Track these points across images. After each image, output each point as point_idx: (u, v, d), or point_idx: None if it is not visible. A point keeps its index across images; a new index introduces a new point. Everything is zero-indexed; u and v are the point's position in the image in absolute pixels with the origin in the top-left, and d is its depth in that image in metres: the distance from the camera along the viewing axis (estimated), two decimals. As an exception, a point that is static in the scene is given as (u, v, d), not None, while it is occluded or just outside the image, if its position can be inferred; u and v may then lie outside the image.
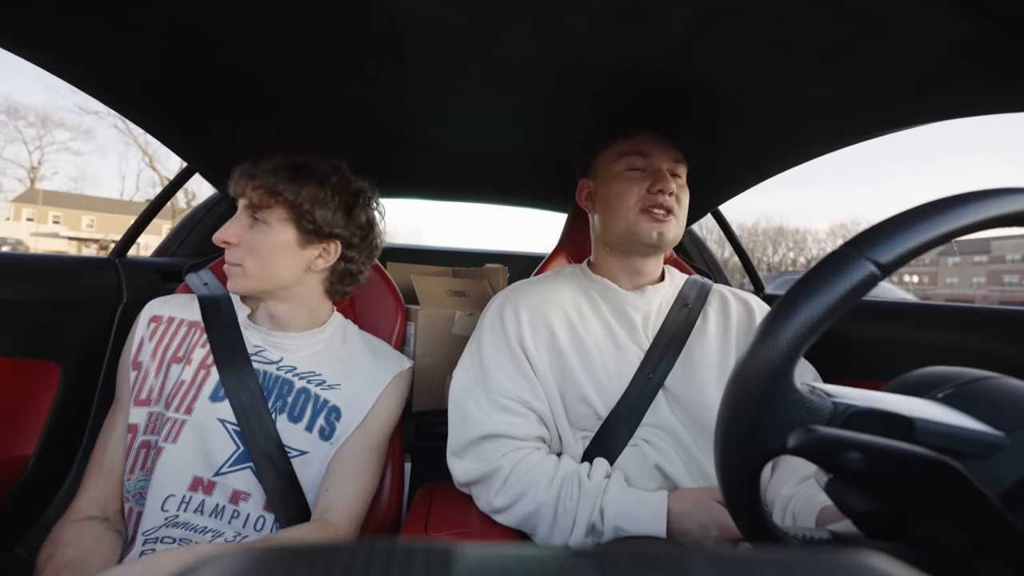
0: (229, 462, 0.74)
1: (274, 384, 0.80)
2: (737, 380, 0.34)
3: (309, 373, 0.83)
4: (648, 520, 0.64)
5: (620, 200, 0.81)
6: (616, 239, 0.84)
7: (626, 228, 0.81)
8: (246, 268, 0.78)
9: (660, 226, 0.79)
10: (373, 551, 0.15)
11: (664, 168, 0.81)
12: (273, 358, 0.82)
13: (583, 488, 0.68)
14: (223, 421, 0.75)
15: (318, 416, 0.80)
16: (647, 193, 0.80)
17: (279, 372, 0.81)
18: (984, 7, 0.52)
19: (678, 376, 0.78)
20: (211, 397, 0.76)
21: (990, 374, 0.37)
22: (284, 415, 0.78)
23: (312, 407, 0.80)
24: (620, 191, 0.82)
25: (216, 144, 1.06)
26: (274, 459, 0.75)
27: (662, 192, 0.79)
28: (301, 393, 0.80)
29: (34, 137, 35.95)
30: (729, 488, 0.36)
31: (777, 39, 0.64)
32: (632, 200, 0.80)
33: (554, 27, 0.65)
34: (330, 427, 0.80)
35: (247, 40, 0.71)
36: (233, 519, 0.72)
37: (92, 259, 1.16)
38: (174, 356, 0.79)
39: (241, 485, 0.74)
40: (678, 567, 0.15)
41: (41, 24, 0.66)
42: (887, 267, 0.31)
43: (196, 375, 0.77)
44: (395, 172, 1.35)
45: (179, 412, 0.74)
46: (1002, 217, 0.32)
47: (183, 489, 0.71)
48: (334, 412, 0.81)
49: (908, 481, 0.32)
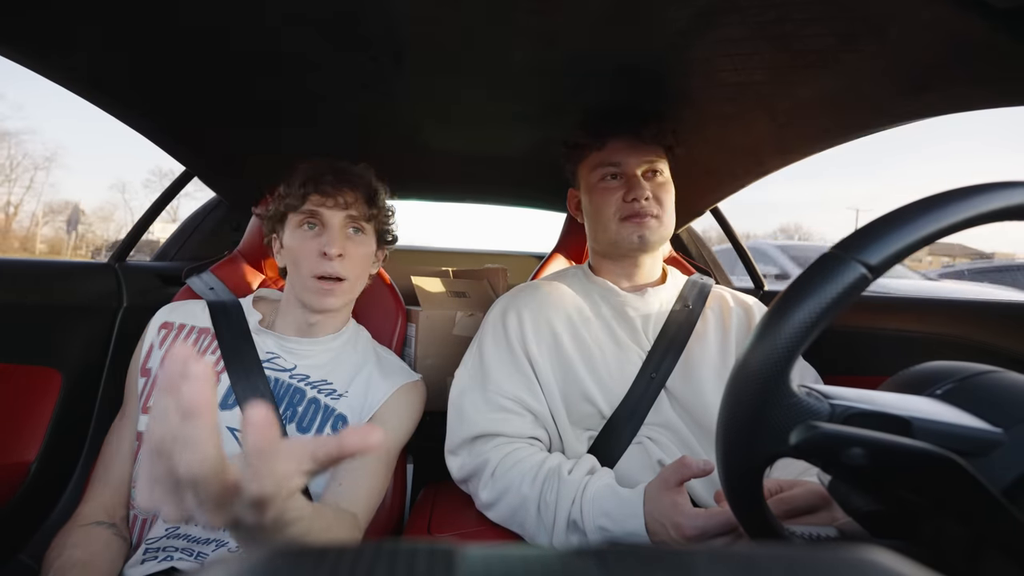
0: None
1: (286, 392, 0.79)
2: (734, 386, 0.34)
3: (321, 382, 0.82)
4: (627, 518, 0.62)
5: (600, 211, 0.84)
6: (604, 246, 0.87)
7: (609, 237, 0.84)
8: (350, 280, 0.80)
9: (641, 230, 0.80)
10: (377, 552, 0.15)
11: (637, 173, 0.82)
12: (287, 366, 0.81)
13: (562, 483, 0.67)
14: (232, 429, 0.74)
15: (326, 425, 0.79)
16: (623, 202, 0.81)
17: (292, 380, 0.80)
18: (983, 2, 0.52)
19: (678, 377, 0.79)
20: (220, 405, 0.75)
21: (990, 368, 0.37)
22: (293, 424, 0.77)
23: (321, 417, 0.79)
24: (599, 202, 0.84)
25: (214, 148, 1.06)
26: None
27: (636, 200, 0.80)
28: (311, 403, 0.79)
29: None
30: (732, 490, 0.36)
31: (775, 36, 0.64)
32: (611, 211, 0.82)
33: (551, 28, 0.65)
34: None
35: (245, 43, 0.71)
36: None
37: (91, 264, 1.16)
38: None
39: None
40: (683, 565, 0.15)
41: (37, 29, 0.66)
42: (877, 268, 0.32)
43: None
44: (393, 173, 1.35)
45: None
46: (990, 213, 0.32)
47: None
48: (341, 420, 0.80)
49: (911, 477, 0.32)
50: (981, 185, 0.33)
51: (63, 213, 25.88)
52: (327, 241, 0.77)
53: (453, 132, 1.06)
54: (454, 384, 0.83)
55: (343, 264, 0.78)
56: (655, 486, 0.62)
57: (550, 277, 0.94)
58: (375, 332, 1.01)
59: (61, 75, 0.76)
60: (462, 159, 1.24)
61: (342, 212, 0.79)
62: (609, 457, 0.75)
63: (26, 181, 22.40)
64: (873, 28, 0.60)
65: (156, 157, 19.98)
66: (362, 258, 0.82)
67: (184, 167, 1.17)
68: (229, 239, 1.38)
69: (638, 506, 0.61)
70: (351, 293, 0.83)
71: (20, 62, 0.71)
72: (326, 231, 0.79)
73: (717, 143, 1.00)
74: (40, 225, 17.81)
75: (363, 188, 0.82)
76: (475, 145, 1.14)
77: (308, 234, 0.79)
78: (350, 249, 0.79)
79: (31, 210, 22.23)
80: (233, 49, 0.73)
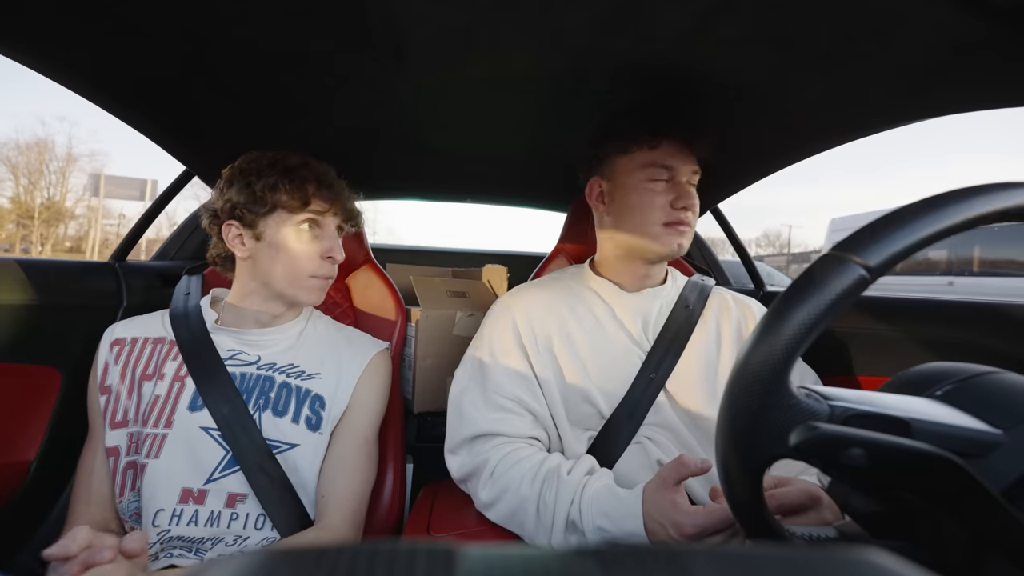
0: (220, 467, 0.73)
1: (255, 384, 0.79)
2: (733, 387, 0.34)
3: (288, 366, 0.83)
4: (626, 518, 0.62)
5: (643, 213, 0.80)
6: (631, 246, 0.83)
7: (647, 241, 0.80)
8: (333, 278, 0.86)
9: (681, 238, 0.79)
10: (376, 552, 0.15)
11: (684, 180, 0.80)
12: (250, 359, 0.82)
13: (561, 483, 0.67)
14: (206, 429, 0.75)
15: (302, 407, 0.80)
16: (671, 208, 0.79)
17: (259, 371, 0.81)
18: (983, 2, 0.52)
19: (678, 377, 0.79)
20: (189, 407, 0.75)
21: (990, 369, 0.37)
22: (268, 411, 0.78)
23: (296, 399, 0.80)
24: (642, 203, 0.80)
25: (214, 147, 1.06)
26: (266, 467, 0.74)
27: (686, 208, 0.78)
28: (283, 388, 0.80)
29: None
30: (732, 491, 0.36)
31: (777, 37, 0.64)
32: (656, 215, 0.79)
33: (553, 27, 0.65)
34: (316, 416, 0.80)
35: (245, 42, 0.71)
36: (232, 522, 0.72)
37: (92, 263, 1.16)
38: (143, 374, 0.78)
39: (237, 487, 0.73)
40: (682, 565, 0.15)
41: (37, 28, 0.66)
42: (876, 270, 0.31)
43: (171, 388, 0.77)
44: (394, 172, 1.36)
45: (158, 427, 0.74)
46: (990, 214, 0.31)
47: (172, 502, 0.70)
48: (318, 401, 0.81)
49: (910, 477, 0.32)
50: (981, 186, 0.33)
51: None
52: (331, 246, 0.83)
53: (453, 132, 1.06)
54: (454, 384, 0.83)
55: (335, 265, 0.85)
56: (653, 486, 0.61)
57: (550, 277, 0.94)
58: (375, 332, 1.01)
59: (61, 74, 0.76)
60: (462, 159, 1.24)
61: (337, 219, 0.85)
62: (608, 457, 0.75)
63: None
64: (873, 28, 0.60)
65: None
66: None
67: (184, 167, 1.17)
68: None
69: (636, 506, 0.61)
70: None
71: (19, 60, 0.70)
72: (324, 235, 0.83)
73: (717, 143, 1.00)
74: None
75: (346, 196, 0.87)
76: (475, 145, 1.14)
77: (307, 235, 0.81)
78: (339, 251, 0.86)
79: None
80: (233, 49, 0.73)
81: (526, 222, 16.40)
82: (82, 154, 26.13)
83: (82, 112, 32.10)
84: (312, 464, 0.78)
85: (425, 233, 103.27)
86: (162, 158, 1.22)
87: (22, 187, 22.49)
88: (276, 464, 0.75)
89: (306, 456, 0.78)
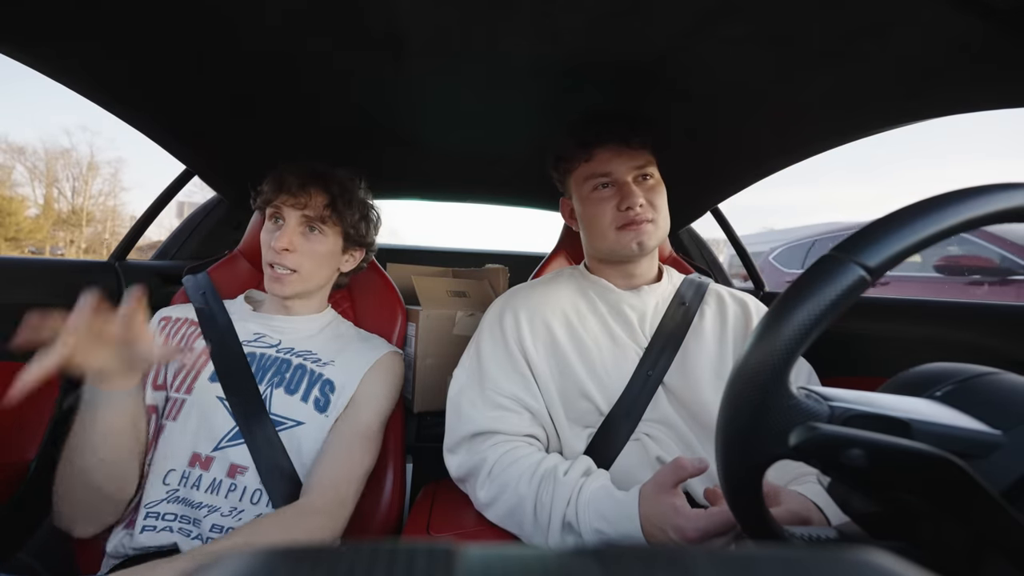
0: (228, 436, 0.77)
1: (272, 363, 0.85)
2: (733, 387, 0.34)
3: (305, 352, 0.88)
4: (622, 520, 0.61)
5: (597, 221, 0.83)
6: (602, 254, 0.87)
7: (607, 245, 0.83)
8: (302, 273, 0.87)
9: (639, 236, 0.80)
10: (376, 552, 0.15)
11: (628, 180, 0.81)
12: (272, 342, 0.88)
13: (558, 483, 0.67)
14: (221, 399, 0.79)
15: (313, 388, 0.84)
16: (618, 211, 0.81)
17: (278, 354, 0.86)
18: (983, 3, 0.52)
19: (676, 374, 0.79)
20: (210, 378, 0.81)
21: (989, 370, 0.37)
22: (281, 388, 0.82)
23: (308, 380, 0.85)
24: (593, 213, 0.84)
25: (214, 148, 1.06)
26: (270, 440, 0.78)
27: (631, 208, 0.80)
28: (298, 369, 0.85)
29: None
30: (732, 491, 0.36)
31: (777, 37, 0.64)
32: (606, 221, 0.82)
33: (552, 26, 0.65)
34: (325, 399, 0.84)
35: (246, 43, 0.72)
36: (230, 492, 0.75)
37: (92, 262, 1.16)
38: (177, 346, 0.85)
39: (239, 459, 0.76)
40: (682, 565, 0.15)
41: (38, 26, 0.66)
42: (876, 271, 0.31)
43: (197, 360, 0.83)
44: (393, 172, 1.36)
45: (180, 392, 0.80)
46: (990, 215, 0.31)
47: (183, 464, 0.75)
48: (328, 384, 0.85)
49: (910, 478, 0.32)
50: (981, 187, 0.32)
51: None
52: (277, 236, 0.86)
53: (453, 132, 1.06)
54: (452, 383, 0.84)
55: (292, 258, 0.86)
56: (650, 489, 0.61)
57: (547, 277, 0.94)
58: (375, 332, 1.01)
59: (61, 73, 0.76)
60: (462, 159, 1.24)
61: (299, 211, 0.86)
62: (608, 454, 0.75)
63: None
64: (873, 29, 0.60)
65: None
66: (317, 255, 0.88)
67: (184, 167, 1.17)
68: (229, 238, 1.38)
69: (633, 509, 0.61)
70: (304, 284, 0.89)
71: (19, 59, 0.70)
72: (285, 227, 0.86)
73: (717, 143, 1.00)
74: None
75: (329, 191, 0.88)
76: (475, 145, 1.14)
77: (271, 228, 0.88)
78: (303, 245, 0.87)
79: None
80: (234, 48, 0.73)
81: (526, 222, 16.58)
82: (103, 161, 26.65)
83: (103, 124, 32.63)
84: (314, 445, 0.81)
85: (426, 233, 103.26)
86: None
87: (58, 193, 22.78)
88: (279, 441, 0.79)
89: (309, 435, 0.81)
